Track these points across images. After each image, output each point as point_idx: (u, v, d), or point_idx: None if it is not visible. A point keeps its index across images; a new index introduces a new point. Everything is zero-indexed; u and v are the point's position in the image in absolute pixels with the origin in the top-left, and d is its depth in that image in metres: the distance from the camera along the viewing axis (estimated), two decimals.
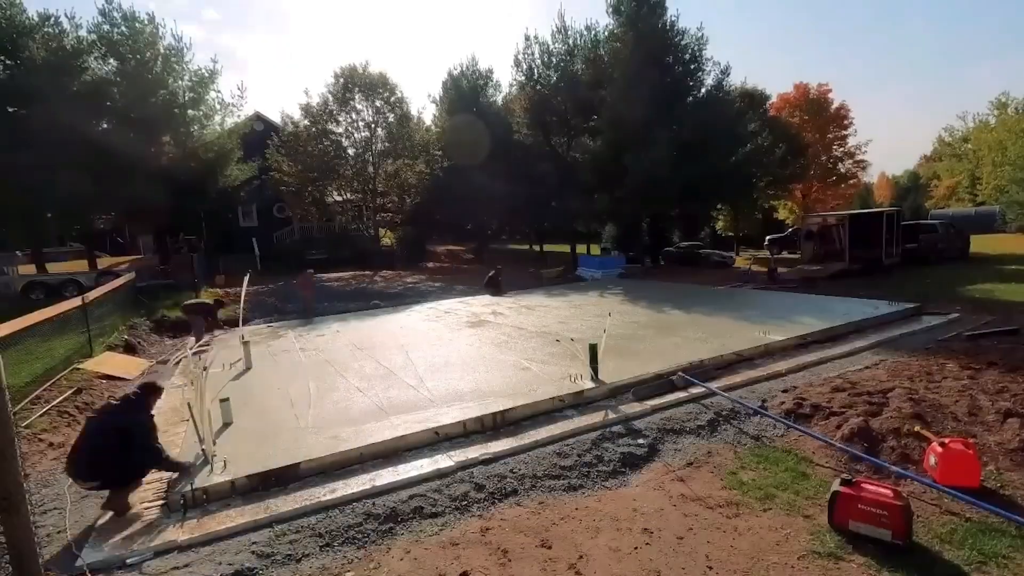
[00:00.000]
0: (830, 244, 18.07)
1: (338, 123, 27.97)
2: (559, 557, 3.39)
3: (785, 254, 25.03)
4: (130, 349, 10.11)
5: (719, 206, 24.40)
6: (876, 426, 4.72)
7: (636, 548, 3.45)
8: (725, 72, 21.70)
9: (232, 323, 12.31)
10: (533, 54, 22.13)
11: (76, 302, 9.08)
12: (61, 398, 6.71)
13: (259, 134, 30.27)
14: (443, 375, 7.19)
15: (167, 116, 20.77)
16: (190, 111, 22.28)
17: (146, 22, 20.72)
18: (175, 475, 4.41)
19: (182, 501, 4.10)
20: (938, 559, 3.19)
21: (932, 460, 4.06)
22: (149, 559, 3.52)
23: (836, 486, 3.55)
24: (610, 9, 20.81)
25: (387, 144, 27.97)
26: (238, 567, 3.38)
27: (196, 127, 22.84)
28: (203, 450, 4.69)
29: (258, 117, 31.96)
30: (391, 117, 28.52)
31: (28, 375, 7.20)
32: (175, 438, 5.54)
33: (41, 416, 6.15)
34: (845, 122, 35.31)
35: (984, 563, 3.13)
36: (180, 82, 21.80)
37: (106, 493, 4.04)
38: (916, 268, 17.20)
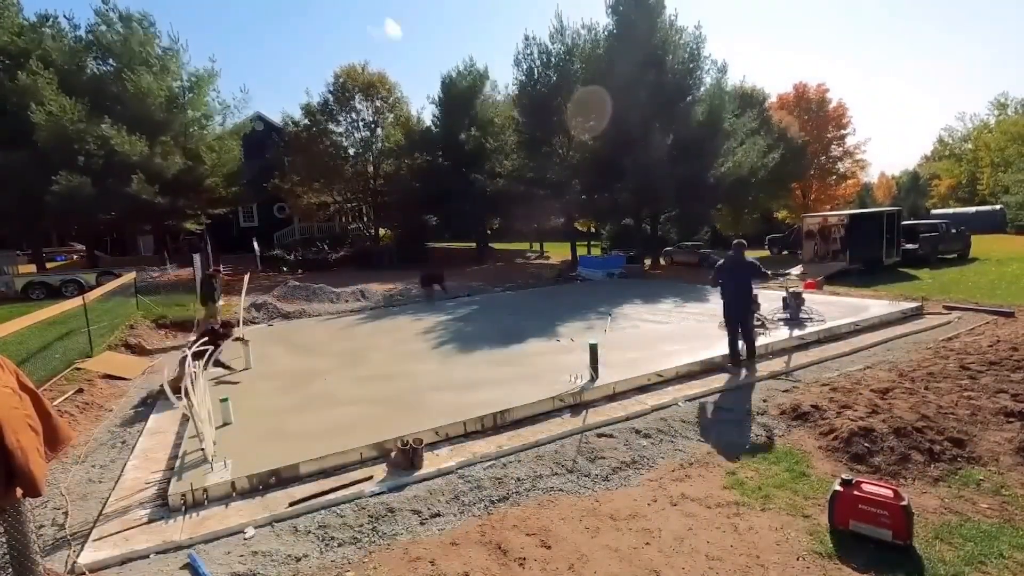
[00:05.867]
0: (830, 244, 18.07)
1: (338, 123, 27.99)
2: (559, 557, 3.39)
3: (785, 254, 25.07)
4: (130, 349, 10.11)
5: (719, 206, 24.33)
6: (876, 426, 4.72)
7: (636, 548, 3.45)
8: (723, 71, 21.70)
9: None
10: (533, 54, 22.09)
11: (77, 301, 9.09)
12: (62, 398, 6.70)
13: (260, 134, 30.32)
14: (443, 375, 7.19)
15: (166, 117, 20.80)
16: (189, 112, 22.32)
17: (142, 23, 20.76)
18: None
19: (183, 501, 4.10)
20: (938, 559, 3.19)
21: None
22: (150, 558, 3.53)
23: (836, 486, 3.54)
24: (608, 9, 20.80)
25: (387, 144, 28.01)
26: (238, 566, 3.38)
27: (195, 128, 22.87)
28: (203, 450, 4.69)
29: (258, 117, 32.01)
30: (390, 117, 28.55)
31: (28, 374, 7.19)
32: (175, 438, 5.55)
33: None
34: (844, 121, 35.35)
35: (984, 563, 3.13)
36: (178, 83, 21.83)
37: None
38: (916, 268, 17.22)
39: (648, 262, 23.61)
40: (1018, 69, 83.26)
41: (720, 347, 7.60)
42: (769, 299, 10.68)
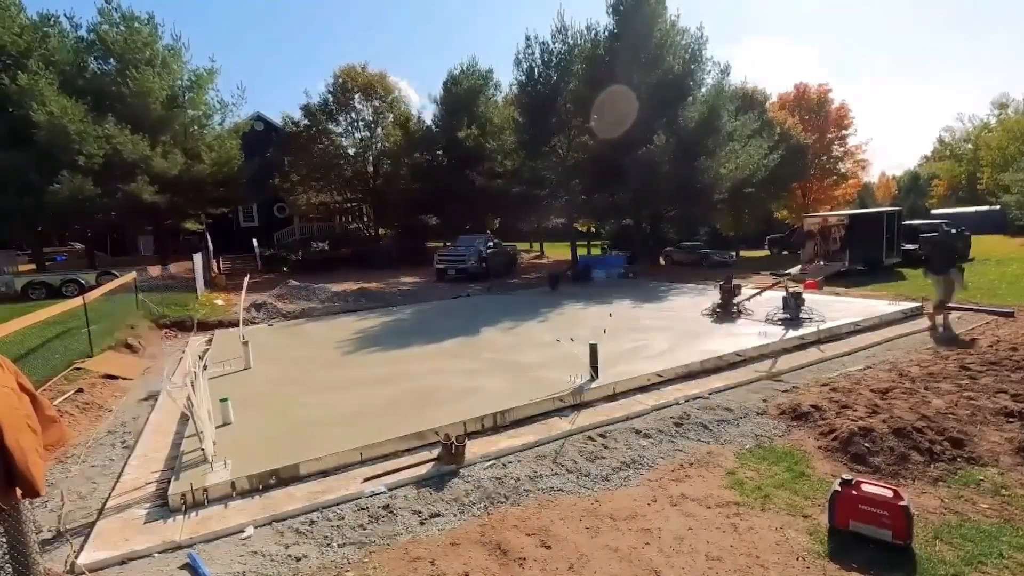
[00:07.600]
0: (830, 244, 18.08)
1: (338, 123, 28.01)
2: (559, 557, 3.38)
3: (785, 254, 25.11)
4: (130, 349, 10.11)
5: (718, 206, 24.34)
6: (876, 426, 4.72)
7: (636, 548, 3.45)
8: (725, 71, 21.69)
9: (232, 323, 12.32)
10: (534, 54, 22.03)
11: (77, 301, 9.08)
12: (62, 398, 6.70)
13: (259, 134, 30.32)
14: (443, 374, 7.19)
15: (167, 116, 20.80)
16: (190, 111, 22.33)
17: (145, 22, 20.76)
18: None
19: (182, 500, 4.10)
20: (938, 559, 3.19)
21: None
22: (150, 558, 3.53)
23: (836, 486, 3.54)
24: (610, 9, 20.78)
25: (386, 144, 28.04)
26: (238, 566, 3.38)
27: (196, 127, 22.88)
28: (203, 450, 4.69)
29: (258, 117, 32.03)
30: (390, 117, 28.58)
31: (28, 374, 7.19)
32: (175, 437, 5.56)
33: None
34: (845, 122, 35.31)
35: (984, 563, 3.13)
36: (179, 82, 21.84)
37: None
38: (916, 268, 17.21)
39: (648, 262, 23.60)
40: (1019, 69, 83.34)
41: (718, 347, 7.59)
42: (769, 299, 10.68)
